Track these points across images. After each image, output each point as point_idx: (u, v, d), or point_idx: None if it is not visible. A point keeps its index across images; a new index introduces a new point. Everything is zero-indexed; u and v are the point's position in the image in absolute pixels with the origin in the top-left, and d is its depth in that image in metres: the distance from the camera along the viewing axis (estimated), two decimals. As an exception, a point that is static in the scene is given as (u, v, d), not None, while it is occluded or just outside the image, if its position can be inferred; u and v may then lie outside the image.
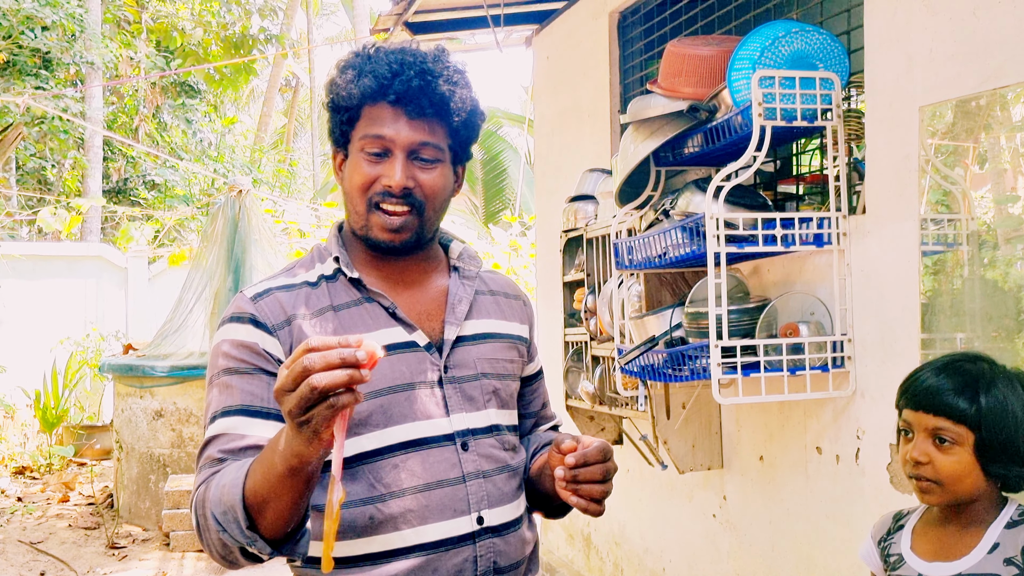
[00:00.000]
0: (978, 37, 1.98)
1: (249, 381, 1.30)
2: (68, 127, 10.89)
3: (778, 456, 2.71)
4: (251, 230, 6.07)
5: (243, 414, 1.28)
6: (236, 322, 1.34)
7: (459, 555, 1.33)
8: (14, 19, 9.91)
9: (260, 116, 20.74)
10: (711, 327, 2.26)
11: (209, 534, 1.20)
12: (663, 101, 2.56)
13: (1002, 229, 2.07)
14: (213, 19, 13.89)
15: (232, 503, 1.16)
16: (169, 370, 5.78)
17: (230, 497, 1.16)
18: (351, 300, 1.37)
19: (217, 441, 1.28)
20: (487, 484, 1.37)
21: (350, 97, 1.35)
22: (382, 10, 4.70)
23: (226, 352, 1.32)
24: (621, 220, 2.84)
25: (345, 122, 1.37)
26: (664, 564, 3.42)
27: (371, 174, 1.34)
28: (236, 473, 1.19)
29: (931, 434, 1.46)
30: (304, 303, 1.35)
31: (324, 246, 1.45)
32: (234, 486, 1.17)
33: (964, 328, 2.09)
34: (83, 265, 9.84)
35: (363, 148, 1.35)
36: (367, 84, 1.34)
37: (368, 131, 1.35)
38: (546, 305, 4.31)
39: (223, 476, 1.21)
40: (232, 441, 1.27)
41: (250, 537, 1.16)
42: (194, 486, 1.28)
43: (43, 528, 5.90)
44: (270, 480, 1.12)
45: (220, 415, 1.29)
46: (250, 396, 1.29)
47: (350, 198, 1.39)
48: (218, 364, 1.33)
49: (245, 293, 1.37)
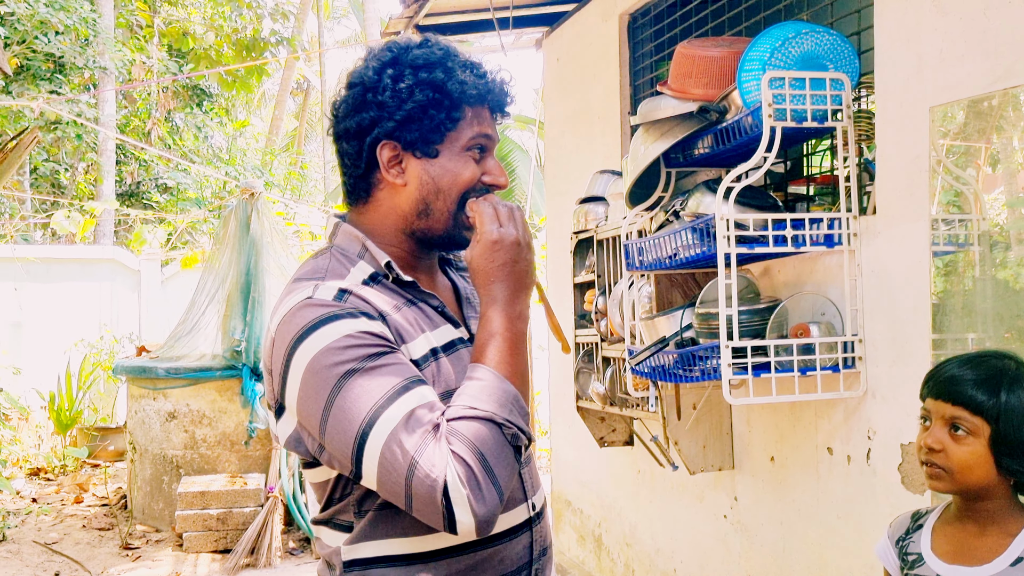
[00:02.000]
0: (989, 37, 1.98)
1: (401, 358, 1.23)
2: (82, 131, 10.96)
3: (789, 457, 2.71)
4: (263, 233, 6.09)
5: (423, 384, 1.21)
6: (343, 319, 1.22)
7: (520, 543, 1.36)
8: (28, 24, 9.98)
9: (271, 119, 20.82)
10: (722, 328, 2.26)
11: (498, 466, 1.16)
12: (673, 102, 2.57)
13: (1014, 230, 2.06)
14: (225, 23, 13.97)
15: (512, 394, 1.21)
16: (182, 372, 5.81)
17: (504, 393, 1.20)
18: (407, 300, 1.35)
19: (421, 412, 1.16)
20: (531, 469, 1.42)
21: (467, 97, 1.34)
22: (393, 13, 4.72)
23: (353, 344, 1.19)
24: (631, 221, 2.85)
25: (450, 120, 1.33)
26: (675, 565, 3.42)
27: (478, 171, 1.37)
28: (485, 382, 1.21)
29: (947, 423, 1.47)
30: (378, 301, 1.30)
31: (342, 247, 1.39)
32: (498, 386, 1.21)
33: (975, 328, 2.09)
34: (96, 268, 9.90)
35: (470, 146, 1.35)
36: (489, 85, 1.36)
37: (480, 130, 1.35)
38: (557, 306, 4.32)
39: (474, 399, 1.19)
40: (437, 408, 1.18)
41: (528, 423, 1.22)
42: (432, 462, 1.12)
43: (57, 529, 5.94)
44: (519, 355, 1.25)
45: (400, 391, 1.17)
46: (413, 369, 1.22)
47: (448, 196, 1.35)
48: (349, 356, 1.19)
49: (321, 295, 1.26)
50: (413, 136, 1.33)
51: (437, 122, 1.33)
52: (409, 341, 1.29)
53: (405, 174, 1.36)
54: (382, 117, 1.33)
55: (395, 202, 1.37)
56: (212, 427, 5.81)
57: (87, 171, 13.16)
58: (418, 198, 1.36)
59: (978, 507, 1.49)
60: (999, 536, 1.47)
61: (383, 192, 1.38)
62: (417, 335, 1.30)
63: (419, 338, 1.30)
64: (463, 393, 1.20)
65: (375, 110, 1.33)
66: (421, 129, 1.33)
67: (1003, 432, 1.42)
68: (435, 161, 1.35)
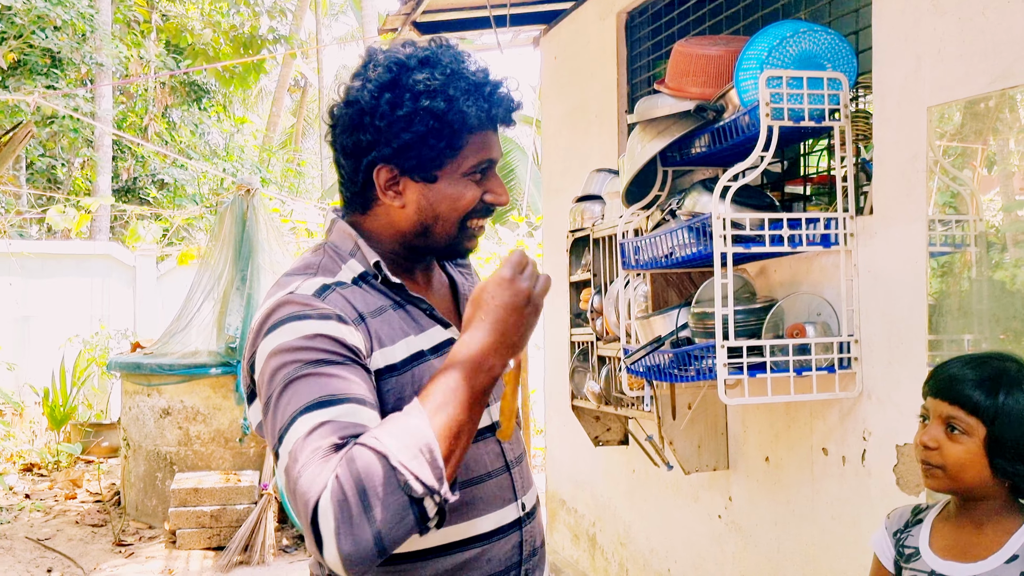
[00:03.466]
0: (987, 37, 1.98)
1: (350, 371, 1.18)
2: (78, 126, 10.94)
3: (784, 457, 2.71)
4: (259, 229, 6.09)
5: (354, 402, 1.15)
6: (310, 319, 1.21)
7: (509, 542, 1.36)
8: (25, 18, 9.95)
9: (269, 116, 20.78)
10: (717, 327, 2.26)
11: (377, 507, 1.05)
12: (670, 101, 2.56)
13: (1010, 231, 2.06)
14: (222, 19, 13.94)
15: (426, 441, 1.08)
16: (176, 368, 5.80)
17: (418, 438, 1.08)
18: (394, 302, 1.34)
19: (327, 428, 1.10)
20: (522, 470, 1.42)
21: (470, 128, 1.29)
22: (390, 10, 4.71)
23: (307, 346, 1.18)
24: (628, 220, 2.84)
25: (451, 148, 1.29)
26: (669, 565, 3.41)
27: (479, 193, 1.34)
28: (406, 420, 1.10)
29: (944, 421, 1.48)
30: (362, 303, 1.29)
31: (336, 244, 1.39)
32: (418, 428, 1.09)
33: (972, 329, 2.08)
34: (92, 263, 9.88)
35: (472, 171, 1.32)
36: (494, 113, 1.31)
37: (483, 156, 1.32)
38: (552, 305, 4.31)
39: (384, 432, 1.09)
40: (348, 429, 1.11)
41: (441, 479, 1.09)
42: (312, 479, 1.07)
43: (51, 525, 5.92)
44: (464, 408, 1.12)
45: (319, 404, 1.13)
46: (356, 385, 1.17)
47: (447, 219, 1.33)
48: (299, 358, 1.18)
49: (302, 291, 1.26)
50: (411, 164, 1.30)
51: (437, 151, 1.29)
52: (389, 344, 1.27)
53: (403, 196, 1.34)
54: (379, 142, 1.29)
55: (392, 219, 1.36)
56: (206, 424, 5.80)
57: (83, 166, 13.13)
58: (416, 221, 1.35)
59: (975, 506, 1.50)
60: (995, 534, 1.48)
61: (381, 208, 1.37)
62: (399, 338, 1.29)
63: (400, 342, 1.29)
64: (385, 422, 1.12)
65: (372, 134, 1.29)
66: (419, 158, 1.29)
67: (998, 433, 1.43)
68: (434, 187, 1.32)
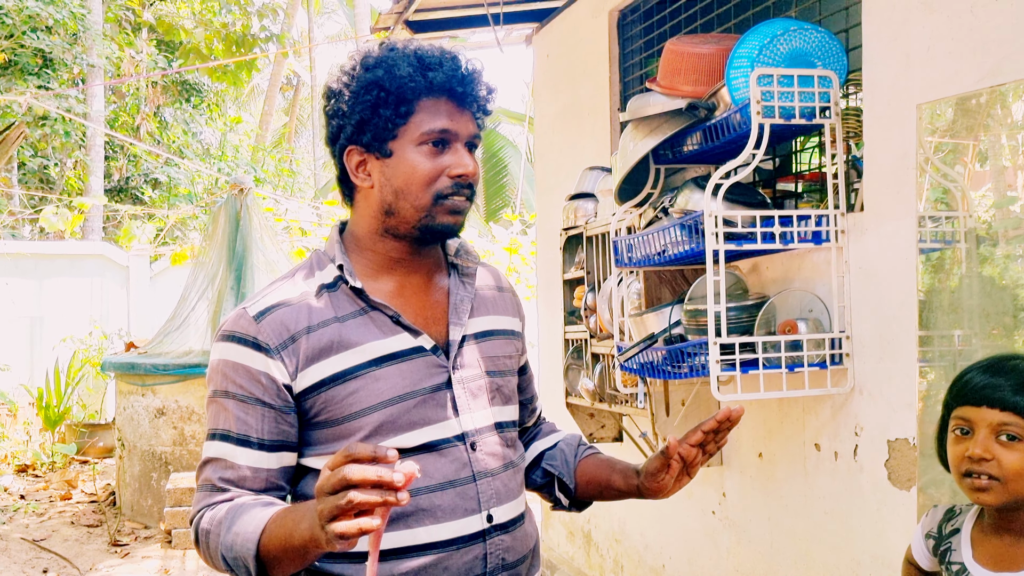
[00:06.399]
0: (976, 34, 1.99)
1: (244, 409, 1.33)
2: (70, 127, 10.90)
3: (777, 453, 2.72)
4: (252, 228, 6.08)
5: (236, 442, 1.33)
6: (237, 343, 1.34)
7: (470, 553, 1.35)
8: (17, 18, 9.91)
9: (261, 115, 20.74)
10: (710, 324, 2.27)
11: (213, 561, 1.29)
12: (662, 99, 2.57)
13: (1000, 227, 2.07)
14: (214, 17, 13.90)
15: (245, 556, 1.22)
16: (171, 368, 5.79)
17: (243, 549, 1.22)
18: (355, 310, 1.36)
19: (213, 465, 1.34)
20: (495, 482, 1.40)
21: (410, 91, 1.33)
22: (383, 9, 4.71)
23: (225, 373, 1.35)
24: (620, 218, 2.85)
25: (398, 116, 1.34)
26: (664, 561, 3.43)
27: (438, 165, 1.36)
28: (250, 525, 1.23)
29: (995, 430, 1.41)
30: (307, 317, 1.34)
31: (324, 250, 1.44)
32: (248, 541, 1.22)
33: (962, 325, 2.10)
34: (85, 264, 9.85)
35: (424, 141, 1.35)
36: (433, 77, 1.34)
37: (433, 125, 1.35)
38: (546, 303, 4.32)
39: (234, 520, 1.25)
40: (228, 469, 1.33)
41: None
42: (194, 506, 1.34)
43: (46, 526, 5.91)
44: (287, 550, 1.19)
45: (217, 437, 1.35)
46: (244, 425, 1.33)
47: (407, 194, 1.36)
48: (217, 381, 1.36)
49: (248, 310, 1.36)
50: (368, 138, 1.37)
51: (385, 119, 1.35)
52: (336, 353, 1.33)
53: (371, 177, 1.39)
54: (344, 124, 1.38)
55: (368, 203, 1.41)
56: (201, 423, 5.79)
57: (76, 166, 13.08)
58: (380, 199, 1.39)
59: (1016, 516, 1.44)
60: None
61: (360, 195, 1.43)
62: (352, 346, 1.34)
63: (354, 349, 1.34)
64: (245, 511, 1.26)
65: (339, 117, 1.38)
66: (374, 129, 1.36)
67: None
68: (389, 161, 1.37)
